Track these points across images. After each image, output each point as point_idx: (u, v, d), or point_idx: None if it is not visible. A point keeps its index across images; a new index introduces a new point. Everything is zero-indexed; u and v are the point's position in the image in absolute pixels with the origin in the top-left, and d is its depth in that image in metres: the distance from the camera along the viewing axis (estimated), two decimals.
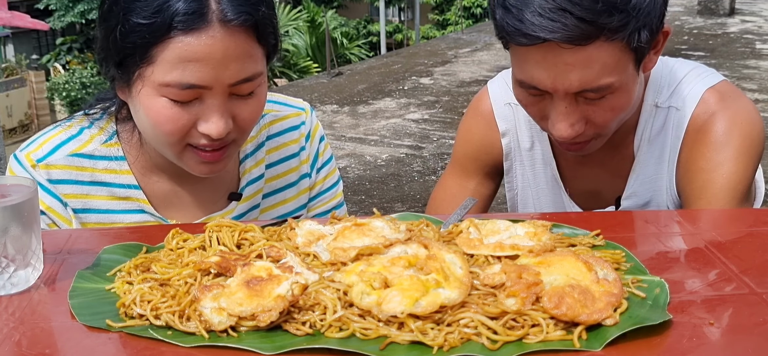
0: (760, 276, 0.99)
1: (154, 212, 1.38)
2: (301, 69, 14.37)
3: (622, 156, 1.49)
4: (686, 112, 1.41)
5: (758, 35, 9.59)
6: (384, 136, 5.94)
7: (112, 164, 1.36)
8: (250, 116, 1.26)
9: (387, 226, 1.10)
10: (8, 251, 0.97)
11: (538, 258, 0.98)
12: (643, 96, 1.44)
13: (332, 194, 1.56)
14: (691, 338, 0.85)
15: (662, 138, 1.45)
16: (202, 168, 1.28)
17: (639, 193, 1.49)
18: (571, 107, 1.28)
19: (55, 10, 19.86)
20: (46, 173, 1.32)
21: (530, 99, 1.33)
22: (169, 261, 1.03)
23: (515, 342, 0.84)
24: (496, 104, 1.59)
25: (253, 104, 1.26)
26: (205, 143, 1.23)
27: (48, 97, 14.82)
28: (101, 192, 1.36)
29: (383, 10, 17.89)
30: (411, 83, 7.77)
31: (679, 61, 1.48)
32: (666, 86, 1.44)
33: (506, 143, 1.60)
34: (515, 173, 1.64)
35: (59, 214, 1.34)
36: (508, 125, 1.59)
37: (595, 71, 1.23)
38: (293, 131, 1.50)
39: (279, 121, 1.49)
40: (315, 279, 0.95)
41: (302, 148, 1.50)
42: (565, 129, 1.29)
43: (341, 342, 0.85)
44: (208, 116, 1.21)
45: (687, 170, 1.41)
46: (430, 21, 25.05)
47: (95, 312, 0.93)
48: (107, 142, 1.36)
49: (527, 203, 1.66)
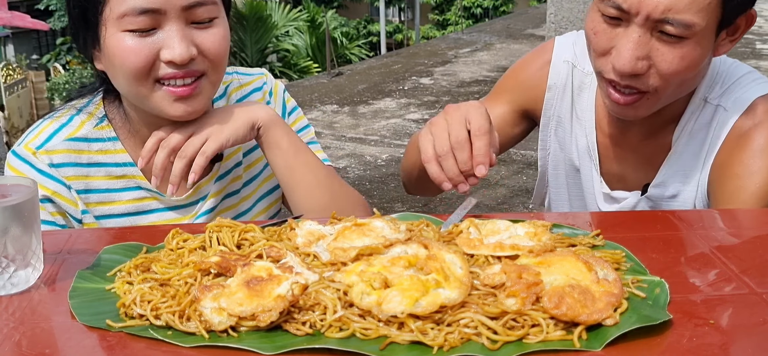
0: (760, 276, 1.00)
1: (149, 187, 1.41)
2: (301, 69, 14.37)
3: (659, 145, 1.48)
4: (733, 114, 1.40)
5: (758, 35, 9.59)
6: (384, 136, 5.94)
7: (107, 145, 1.41)
8: (212, 46, 1.30)
9: (387, 226, 1.10)
10: (8, 251, 0.97)
11: (538, 258, 0.98)
12: (694, 89, 1.43)
13: (306, 132, 1.61)
14: (691, 338, 0.85)
15: (704, 134, 1.43)
16: (177, 107, 1.30)
17: (668, 184, 1.47)
18: (643, 39, 1.28)
19: (55, 10, 19.87)
20: (48, 158, 1.36)
21: (602, 26, 1.32)
22: (169, 261, 1.03)
23: (515, 342, 0.84)
24: (557, 56, 1.59)
25: (215, 33, 1.30)
26: (172, 72, 1.27)
27: (48, 97, 14.83)
28: (99, 173, 1.40)
29: (383, 10, 17.90)
30: (411, 83, 7.77)
31: (737, 63, 1.48)
32: (720, 84, 1.43)
33: (548, 98, 1.60)
34: (550, 132, 1.63)
35: (65, 197, 1.37)
36: (557, 81, 1.58)
37: (685, 2, 1.23)
38: (257, 92, 1.57)
39: (243, 87, 1.56)
40: (315, 278, 0.95)
41: (268, 102, 1.56)
42: (629, 60, 1.28)
43: (341, 342, 0.85)
44: (169, 43, 1.25)
45: (721, 173, 1.40)
46: (430, 21, 25.05)
47: (95, 312, 0.93)
48: (98, 125, 1.41)
49: (558, 167, 1.66)
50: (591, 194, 1.59)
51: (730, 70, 1.45)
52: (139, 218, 1.42)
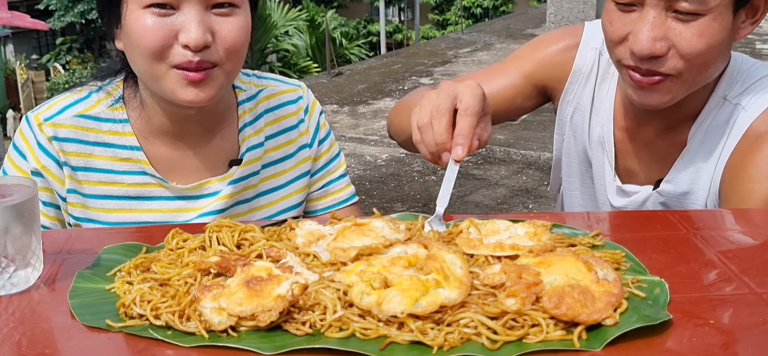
0: (760, 276, 0.99)
1: (154, 174, 1.42)
2: (300, 69, 14.38)
3: (675, 141, 1.46)
4: (750, 114, 1.38)
5: (758, 35, 9.60)
6: (384, 136, 5.94)
7: (117, 127, 1.42)
8: (230, 35, 1.30)
9: (387, 226, 1.10)
10: (8, 251, 0.97)
11: (538, 258, 0.98)
12: (715, 86, 1.42)
13: (337, 163, 1.62)
14: (691, 338, 0.85)
15: (720, 133, 1.41)
16: (188, 92, 1.30)
17: (680, 180, 1.46)
18: (658, 19, 1.27)
19: (55, 10, 19.87)
20: (53, 130, 1.39)
21: (616, 14, 1.32)
22: (169, 261, 1.03)
23: (515, 342, 0.84)
24: (586, 41, 1.57)
25: (233, 23, 1.30)
26: (187, 59, 1.27)
27: (48, 97, 14.86)
28: (104, 153, 1.42)
29: (383, 10, 17.91)
30: (411, 83, 7.77)
31: (760, 63, 1.46)
32: (740, 82, 1.41)
33: (571, 82, 1.58)
34: (566, 118, 1.62)
35: (53, 174, 1.41)
36: (583, 67, 1.57)
37: None
38: (291, 105, 1.56)
39: (276, 95, 1.56)
40: (315, 279, 0.95)
41: (301, 120, 1.57)
42: (646, 40, 1.27)
43: (341, 342, 0.85)
44: (186, 26, 1.26)
45: (734, 174, 1.38)
46: (430, 21, 25.05)
47: (95, 312, 0.93)
48: (113, 105, 1.43)
49: (571, 155, 1.65)
50: (602, 186, 1.58)
51: (751, 70, 1.43)
52: (139, 203, 1.43)
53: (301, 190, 1.56)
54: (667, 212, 1.28)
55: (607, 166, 1.56)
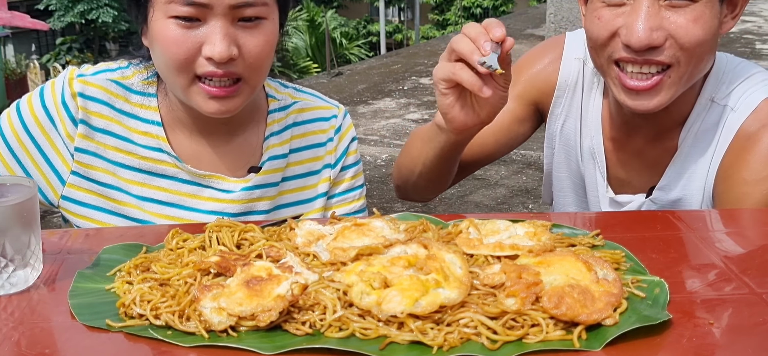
0: (760, 276, 0.99)
1: (170, 152, 1.42)
2: (300, 69, 14.37)
3: (665, 148, 1.46)
4: (740, 115, 1.37)
5: (758, 35, 9.59)
6: (384, 136, 5.94)
7: (145, 101, 1.43)
8: (254, 48, 1.29)
9: (387, 226, 1.10)
10: (7, 251, 0.97)
11: (537, 258, 0.98)
12: (701, 89, 1.41)
13: (355, 196, 1.58)
14: (691, 338, 0.85)
15: (711, 136, 1.41)
16: (211, 105, 1.31)
17: (673, 186, 1.45)
18: (652, 9, 1.27)
19: (55, 10, 19.85)
20: (82, 87, 1.39)
21: (605, 10, 1.31)
22: (169, 261, 1.03)
23: (515, 342, 0.84)
24: (568, 52, 1.56)
25: (259, 37, 1.30)
26: (210, 70, 1.27)
27: None
28: (129, 122, 1.42)
29: (383, 10, 17.90)
30: (411, 83, 7.77)
31: (745, 62, 1.46)
32: (727, 83, 1.41)
33: (557, 95, 1.57)
34: (555, 131, 1.61)
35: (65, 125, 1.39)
36: (568, 78, 1.56)
37: None
38: (322, 121, 1.55)
39: (308, 110, 1.54)
40: (315, 279, 0.95)
41: (329, 139, 1.54)
42: (644, 31, 1.26)
43: (341, 342, 0.84)
44: (211, 39, 1.26)
45: (728, 176, 1.37)
46: (430, 21, 25.04)
47: (95, 312, 0.93)
48: (147, 79, 1.44)
49: (561, 168, 1.64)
50: (595, 198, 1.57)
51: (737, 70, 1.42)
52: (151, 178, 1.42)
53: (318, 210, 1.53)
54: (667, 212, 1.28)
55: (598, 177, 1.55)
